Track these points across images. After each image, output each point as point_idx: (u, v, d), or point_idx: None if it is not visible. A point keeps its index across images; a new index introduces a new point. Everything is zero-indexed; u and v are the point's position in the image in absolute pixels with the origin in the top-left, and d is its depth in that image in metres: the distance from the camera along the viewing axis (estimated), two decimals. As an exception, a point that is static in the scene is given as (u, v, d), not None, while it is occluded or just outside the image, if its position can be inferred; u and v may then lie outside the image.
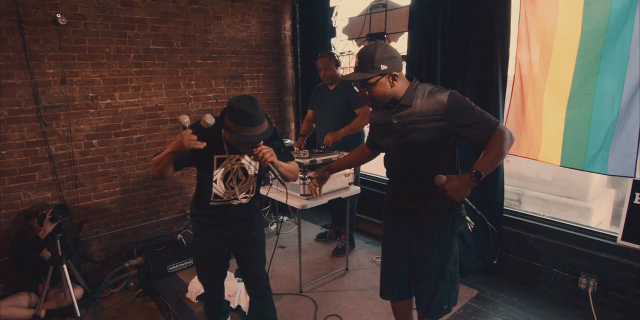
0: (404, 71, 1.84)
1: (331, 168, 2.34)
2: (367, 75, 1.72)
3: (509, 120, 3.15)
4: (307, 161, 2.95)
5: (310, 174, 2.41)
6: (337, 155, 3.16)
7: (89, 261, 3.69)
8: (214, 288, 2.53)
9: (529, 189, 4.73)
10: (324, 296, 3.12)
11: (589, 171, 2.81)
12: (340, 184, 3.15)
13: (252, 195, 2.29)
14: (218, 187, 2.17)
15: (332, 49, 4.55)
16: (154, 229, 4.09)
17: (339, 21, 4.44)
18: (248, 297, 2.56)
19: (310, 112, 3.82)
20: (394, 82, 1.76)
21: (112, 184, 3.76)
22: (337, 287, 3.26)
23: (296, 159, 2.99)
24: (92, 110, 3.56)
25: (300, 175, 2.89)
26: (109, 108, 3.64)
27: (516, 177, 4.76)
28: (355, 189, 3.24)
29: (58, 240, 2.92)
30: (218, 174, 2.14)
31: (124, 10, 3.58)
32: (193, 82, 4.11)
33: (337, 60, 3.53)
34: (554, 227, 3.12)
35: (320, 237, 4.15)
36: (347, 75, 1.82)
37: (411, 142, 1.80)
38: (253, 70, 4.59)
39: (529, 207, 4.46)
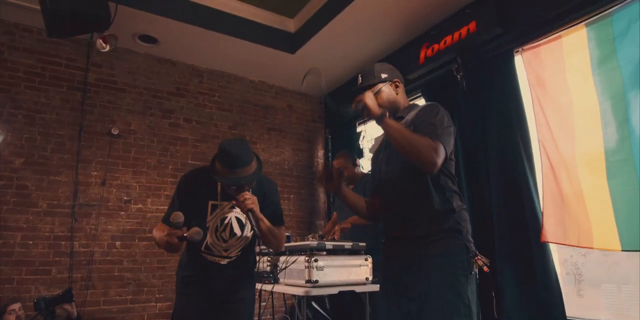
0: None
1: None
2: (370, 82, 1.76)
3: (547, 209, 2.80)
4: (315, 243, 2.69)
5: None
6: (350, 244, 2.86)
7: None
8: None
9: None
10: None
11: (659, 250, 2.29)
12: (355, 276, 2.73)
13: (242, 253, 2.05)
14: (209, 237, 1.99)
15: (361, 168, 4.68)
16: (157, 355, 3.56)
17: (366, 143, 4.71)
18: None
19: (334, 214, 3.69)
20: (397, 89, 1.79)
21: (124, 291, 3.54)
22: None
23: (304, 242, 2.76)
24: (122, 213, 3.69)
25: (306, 258, 2.60)
26: (139, 212, 3.76)
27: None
28: (375, 287, 2.76)
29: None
30: (211, 221, 2.00)
31: (170, 130, 4.10)
32: (224, 196, 4.25)
33: (354, 159, 3.58)
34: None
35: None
36: (353, 89, 1.80)
37: (394, 151, 1.68)
38: (284, 192, 4.71)
39: None
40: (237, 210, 2.01)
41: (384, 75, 1.78)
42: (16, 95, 3.48)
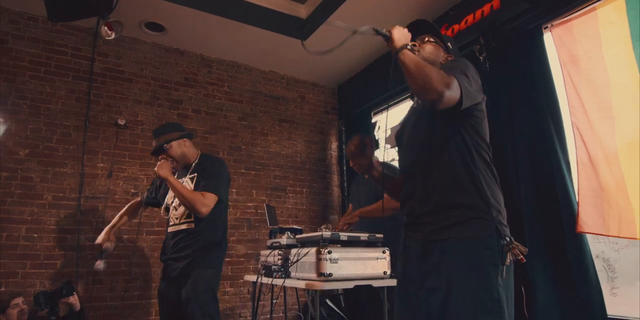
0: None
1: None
2: (430, 26, 1.64)
3: (583, 197, 2.56)
4: (328, 233, 2.50)
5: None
6: (367, 235, 2.66)
7: None
8: None
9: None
10: None
11: None
12: (372, 269, 2.52)
13: (192, 223, 2.34)
14: (170, 211, 2.47)
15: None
16: (166, 353, 3.40)
17: (381, 133, 4.50)
18: None
19: (350, 206, 3.49)
20: (440, 52, 1.62)
21: (132, 286, 3.41)
22: None
23: (317, 233, 2.57)
24: (129, 206, 3.55)
25: (321, 249, 2.40)
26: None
27: None
28: (393, 282, 2.55)
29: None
30: (170, 198, 2.50)
31: (178, 121, 3.94)
32: (234, 190, 4.09)
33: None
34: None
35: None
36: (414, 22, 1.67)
37: (420, 113, 1.57)
38: (297, 185, 4.54)
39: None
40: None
41: (449, 43, 1.65)
42: (21, 85, 3.38)
